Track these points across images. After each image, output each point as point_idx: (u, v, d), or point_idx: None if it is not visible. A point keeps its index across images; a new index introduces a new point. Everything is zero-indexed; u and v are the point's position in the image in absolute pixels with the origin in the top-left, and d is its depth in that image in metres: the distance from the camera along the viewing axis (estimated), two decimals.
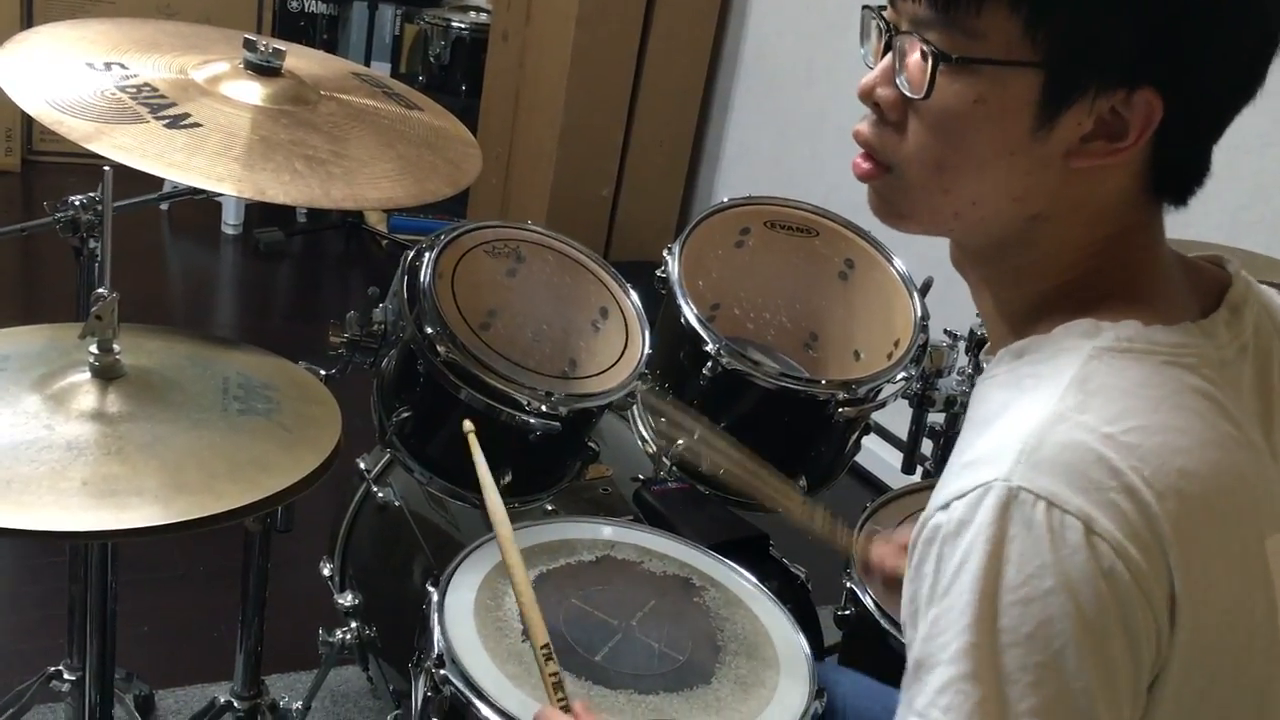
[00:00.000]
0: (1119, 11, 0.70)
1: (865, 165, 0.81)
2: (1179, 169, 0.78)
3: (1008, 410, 0.74)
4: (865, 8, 0.82)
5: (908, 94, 0.76)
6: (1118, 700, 0.68)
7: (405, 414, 1.49)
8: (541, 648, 1.01)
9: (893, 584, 1.23)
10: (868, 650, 1.45)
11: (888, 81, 0.78)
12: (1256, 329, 0.81)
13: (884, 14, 0.79)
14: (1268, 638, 0.74)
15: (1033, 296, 0.81)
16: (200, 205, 3.77)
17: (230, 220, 3.93)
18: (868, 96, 0.79)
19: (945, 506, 0.71)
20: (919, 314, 1.62)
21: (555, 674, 1.00)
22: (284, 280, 3.93)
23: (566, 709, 0.98)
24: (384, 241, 4.02)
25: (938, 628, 0.69)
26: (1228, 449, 0.73)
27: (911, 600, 0.72)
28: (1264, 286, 0.86)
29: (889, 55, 0.78)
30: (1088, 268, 0.79)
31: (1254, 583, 0.73)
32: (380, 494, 1.72)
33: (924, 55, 0.74)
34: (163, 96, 1.28)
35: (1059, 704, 0.66)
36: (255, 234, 3.86)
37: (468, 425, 1.20)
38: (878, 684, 1.24)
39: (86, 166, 1.27)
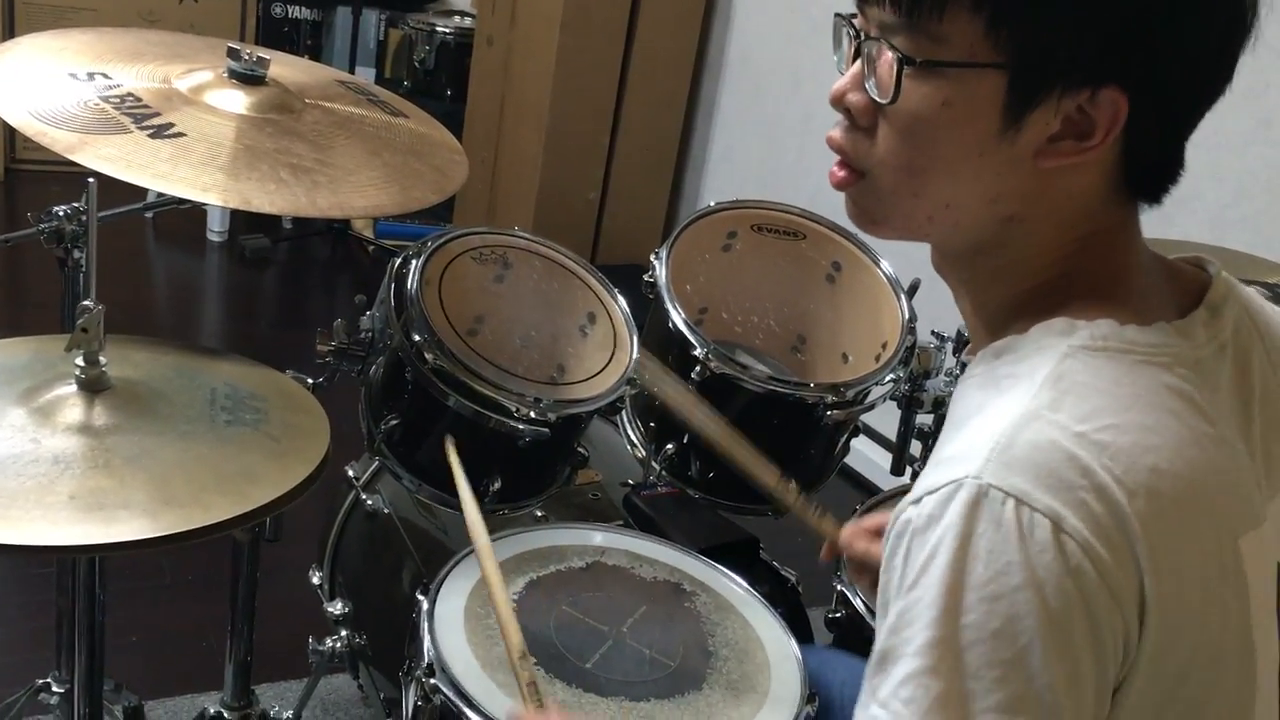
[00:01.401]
0: (1079, 12, 0.71)
1: (840, 173, 0.82)
2: (1150, 167, 0.78)
3: (984, 409, 0.74)
4: (837, 15, 0.83)
5: (876, 99, 0.77)
6: (1083, 698, 0.68)
7: (393, 421, 1.49)
8: (519, 658, 1.02)
9: (860, 566, 1.25)
10: (858, 652, 1.45)
11: (858, 87, 0.79)
12: (1237, 329, 0.81)
13: (854, 21, 0.80)
14: (1241, 637, 0.74)
15: (1010, 298, 0.82)
16: (185, 212, 3.72)
17: (215, 227, 3.92)
18: (839, 102, 0.80)
19: (917, 501, 0.72)
20: (906, 316, 1.62)
21: (531, 680, 1.02)
22: (270, 287, 3.92)
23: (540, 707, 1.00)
24: (370, 247, 4.02)
25: (903, 620, 0.70)
26: (1202, 447, 0.73)
27: (883, 591, 0.73)
28: (1247, 287, 0.86)
29: (859, 61, 0.79)
30: (1063, 269, 0.79)
31: (1227, 581, 0.73)
32: (369, 501, 1.72)
33: (890, 60, 0.75)
34: (146, 106, 1.28)
35: (1023, 700, 0.67)
36: (241, 240, 3.85)
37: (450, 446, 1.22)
38: None
39: (70, 174, 1.26)
